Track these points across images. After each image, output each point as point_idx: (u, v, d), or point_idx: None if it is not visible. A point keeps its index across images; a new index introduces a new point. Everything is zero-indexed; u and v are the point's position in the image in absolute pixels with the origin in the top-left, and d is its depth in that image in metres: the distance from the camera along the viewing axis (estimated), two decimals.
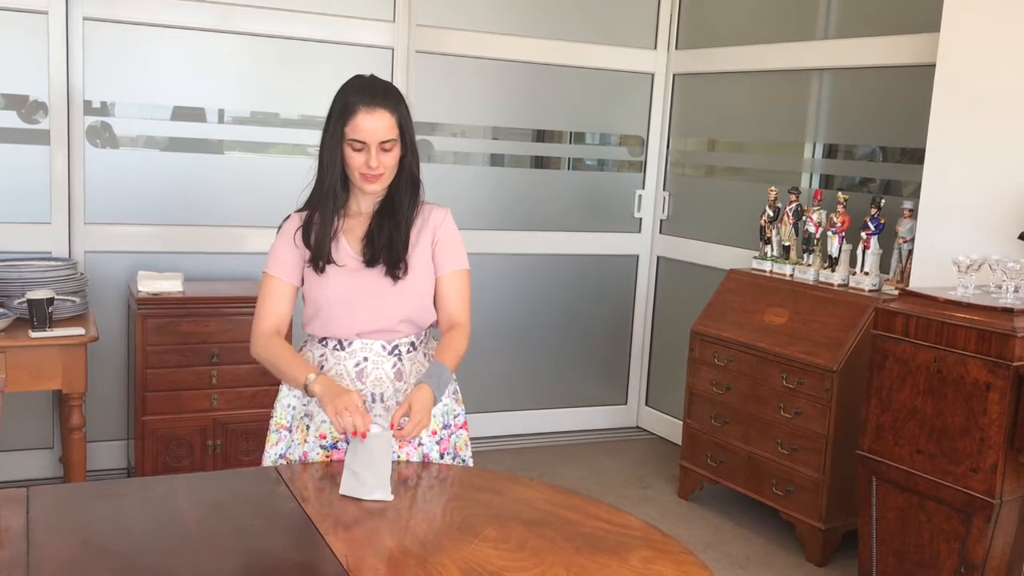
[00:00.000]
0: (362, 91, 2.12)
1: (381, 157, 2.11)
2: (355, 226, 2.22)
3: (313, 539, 1.74)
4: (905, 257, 3.57)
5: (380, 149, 2.11)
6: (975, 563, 2.76)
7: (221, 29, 3.97)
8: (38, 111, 3.74)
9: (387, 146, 2.12)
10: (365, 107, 2.09)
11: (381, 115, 2.10)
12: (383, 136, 2.10)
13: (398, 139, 2.13)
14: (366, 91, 2.12)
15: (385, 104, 2.11)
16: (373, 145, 2.10)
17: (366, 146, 2.10)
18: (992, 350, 2.66)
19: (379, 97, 2.11)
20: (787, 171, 4.35)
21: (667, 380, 4.98)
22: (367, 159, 2.11)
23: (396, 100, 2.14)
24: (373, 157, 2.11)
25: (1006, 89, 3.13)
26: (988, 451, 2.69)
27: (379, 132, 2.10)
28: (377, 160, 2.11)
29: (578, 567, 1.67)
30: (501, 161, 4.73)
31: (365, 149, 2.11)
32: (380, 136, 2.10)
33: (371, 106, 2.09)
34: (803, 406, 3.56)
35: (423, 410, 2.04)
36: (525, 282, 4.82)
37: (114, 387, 3.98)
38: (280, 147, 4.19)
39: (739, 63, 4.52)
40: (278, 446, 2.27)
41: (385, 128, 2.10)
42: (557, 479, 4.26)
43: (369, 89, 2.13)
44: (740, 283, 4.06)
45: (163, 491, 1.99)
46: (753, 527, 3.88)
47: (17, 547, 1.64)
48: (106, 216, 3.89)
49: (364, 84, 2.15)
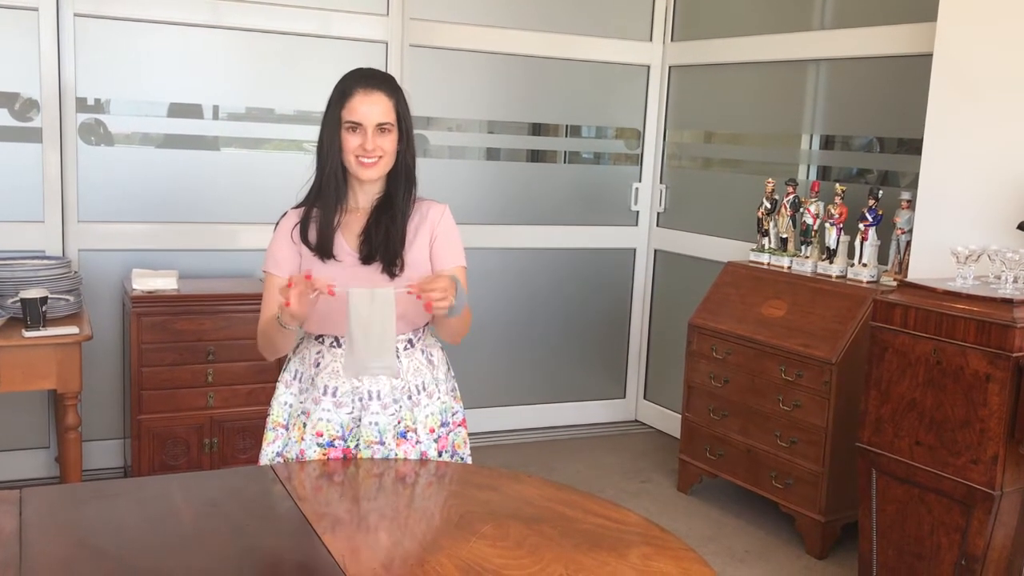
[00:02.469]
0: (360, 77, 2.15)
1: (378, 140, 2.11)
2: (352, 222, 2.21)
3: (309, 538, 1.72)
4: (903, 248, 3.56)
5: (377, 131, 2.11)
6: (975, 555, 2.76)
7: (214, 24, 3.94)
8: (31, 109, 3.72)
9: (384, 127, 2.12)
10: (362, 89, 2.12)
11: (378, 98, 2.11)
12: (379, 118, 2.11)
13: (395, 125, 2.14)
14: (364, 77, 2.15)
15: (382, 88, 2.13)
16: (369, 127, 2.10)
17: (362, 128, 2.11)
18: (992, 341, 2.64)
19: (376, 80, 2.14)
20: (784, 163, 4.34)
21: (665, 374, 4.97)
22: (363, 141, 2.11)
23: (394, 88, 2.16)
24: (369, 139, 2.10)
25: (1003, 78, 3.11)
26: (988, 443, 2.67)
27: (375, 114, 2.10)
28: (373, 142, 2.10)
29: (577, 564, 1.66)
30: (497, 155, 4.71)
31: (361, 131, 2.11)
32: (376, 118, 2.10)
33: (368, 88, 2.12)
34: (802, 398, 3.55)
35: (448, 284, 1.98)
36: (522, 277, 4.80)
37: (109, 386, 3.96)
38: (275, 143, 4.17)
39: (735, 55, 4.50)
40: (275, 444, 2.26)
41: (382, 111, 2.11)
42: (555, 474, 4.25)
43: (367, 75, 2.16)
44: (738, 276, 4.05)
45: (158, 491, 1.98)
46: (752, 520, 3.87)
47: (10, 549, 1.62)
48: (100, 214, 3.87)
49: (362, 72, 2.18)
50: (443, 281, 1.99)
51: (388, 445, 2.17)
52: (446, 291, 1.98)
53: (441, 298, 1.97)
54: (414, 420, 2.19)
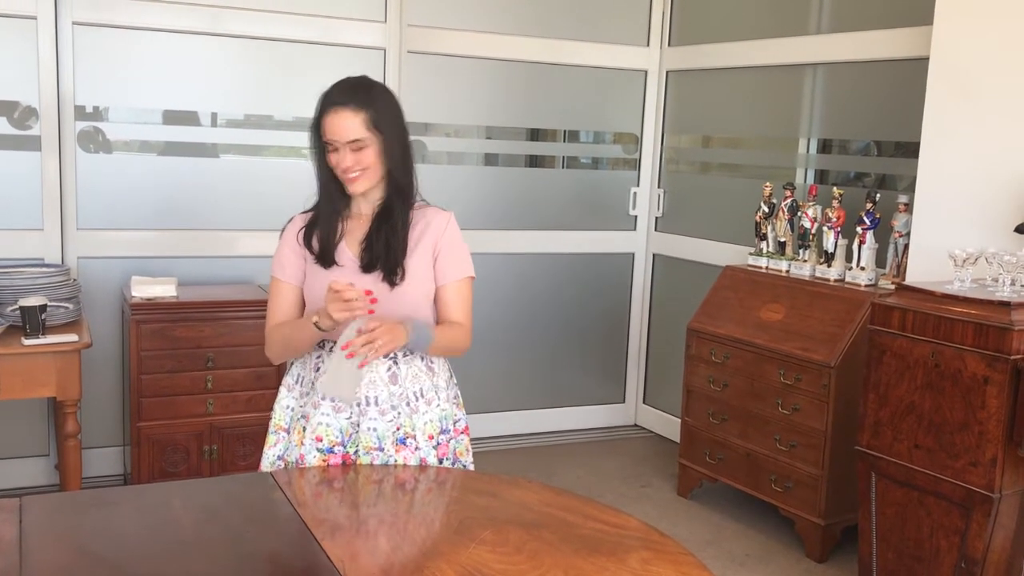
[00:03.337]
0: (332, 92, 2.13)
1: (353, 156, 2.11)
2: (355, 228, 2.21)
3: (309, 545, 1.72)
4: (901, 251, 3.56)
5: (351, 148, 2.11)
6: (975, 558, 2.76)
7: (212, 32, 3.95)
8: (29, 117, 3.72)
9: (355, 146, 2.11)
10: (332, 107, 2.11)
11: (345, 114, 2.10)
12: (350, 135, 2.10)
13: (370, 138, 2.11)
14: (335, 91, 2.13)
15: (350, 103, 2.10)
16: (342, 145, 2.11)
17: (336, 146, 2.11)
18: (990, 344, 2.65)
19: (345, 96, 2.11)
20: (782, 167, 4.35)
21: (664, 378, 4.97)
22: (339, 159, 2.12)
23: (366, 100, 2.12)
24: (343, 157, 2.11)
25: (1000, 81, 3.12)
26: (987, 445, 2.68)
27: (346, 131, 2.10)
28: (348, 160, 2.11)
29: (576, 569, 1.66)
30: (495, 161, 4.72)
31: (337, 149, 2.11)
32: (347, 135, 2.10)
33: (336, 106, 2.10)
34: (801, 402, 3.55)
35: (387, 327, 2.01)
36: (521, 282, 4.80)
37: (109, 393, 3.96)
38: (274, 150, 4.17)
39: (732, 59, 4.51)
40: (276, 447, 2.27)
41: (351, 127, 2.10)
42: (555, 479, 4.25)
43: (338, 89, 2.14)
44: (736, 280, 4.05)
45: (157, 498, 1.98)
46: (752, 524, 3.87)
47: (10, 557, 1.63)
48: (99, 221, 3.87)
49: (336, 85, 2.16)
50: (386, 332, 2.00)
51: (387, 451, 2.17)
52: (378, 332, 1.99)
53: (383, 345, 2.00)
54: (413, 427, 2.19)
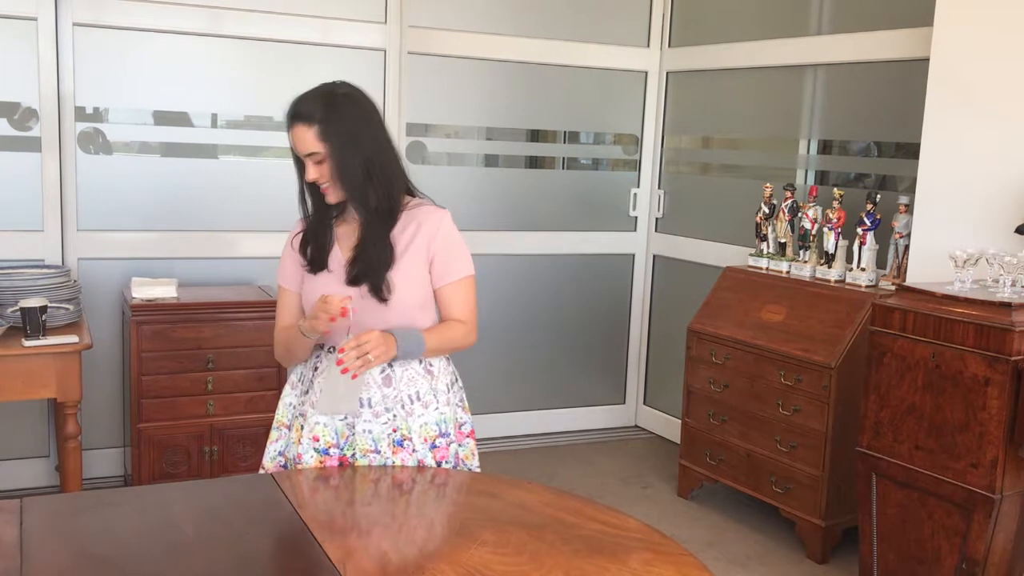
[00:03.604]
0: (292, 104, 2.13)
1: (316, 169, 2.12)
2: (348, 232, 2.21)
3: (309, 546, 1.72)
4: (901, 252, 3.56)
5: (312, 161, 2.12)
6: (976, 559, 2.76)
7: (212, 33, 3.95)
8: (30, 118, 3.72)
9: (314, 159, 2.11)
10: (289, 120, 2.12)
11: (299, 128, 2.10)
12: (306, 150, 2.11)
13: (323, 152, 2.09)
14: (294, 103, 2.13)
15: (300, 119, 2.10)
16: (305, 158, 2.12)
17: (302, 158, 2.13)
18: (990, 345, 2.65)
19: (295, 112, 2.11)
20: (782, 167, 4.35)
21: (665, 379, 4.97)
22: (308, 172, 2.13)
23: (314, 114, 2.08)
24: (309, 170, 2.12)
25: (1000, 82, 3.12)
26: (988, 446, 2.68)
27: (302, 145, 2.11)
28: (312, 172, 2.12)
29: (577, 570, 1.66)
30: (495, 162, 4.72)
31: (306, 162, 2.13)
32: (303, 149, 2.11)
33: (292, 119, 2.11)
34: (801, 403, 3.55)
35: (369, 337, 2.02)
36: (521, 283, 4.80)
37: (109, 395, 3.96)
38: (274, 151, 4.17)
39: (732, 60, 4.51)
40: (277, 443, 2.29)
41: (305, 142, 2.10)
42: (556, 480, 4.25)
43: (297, 100, 2.13)
44: (736, 280, 4.05)
45: (157, 499, 1.98)
46: (753, 525, 3.87)
47: (11, 558, 1.62)
48: (99, 223, 3.87)
49: (298, 96, 2.14)
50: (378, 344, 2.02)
51: (384, 453, 2.16)
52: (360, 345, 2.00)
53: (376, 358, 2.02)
54: (409, 429, 2.18)
